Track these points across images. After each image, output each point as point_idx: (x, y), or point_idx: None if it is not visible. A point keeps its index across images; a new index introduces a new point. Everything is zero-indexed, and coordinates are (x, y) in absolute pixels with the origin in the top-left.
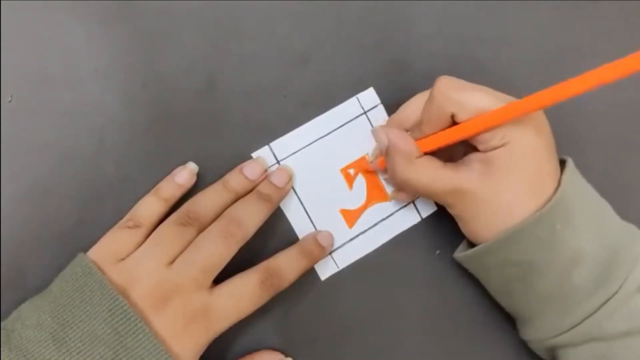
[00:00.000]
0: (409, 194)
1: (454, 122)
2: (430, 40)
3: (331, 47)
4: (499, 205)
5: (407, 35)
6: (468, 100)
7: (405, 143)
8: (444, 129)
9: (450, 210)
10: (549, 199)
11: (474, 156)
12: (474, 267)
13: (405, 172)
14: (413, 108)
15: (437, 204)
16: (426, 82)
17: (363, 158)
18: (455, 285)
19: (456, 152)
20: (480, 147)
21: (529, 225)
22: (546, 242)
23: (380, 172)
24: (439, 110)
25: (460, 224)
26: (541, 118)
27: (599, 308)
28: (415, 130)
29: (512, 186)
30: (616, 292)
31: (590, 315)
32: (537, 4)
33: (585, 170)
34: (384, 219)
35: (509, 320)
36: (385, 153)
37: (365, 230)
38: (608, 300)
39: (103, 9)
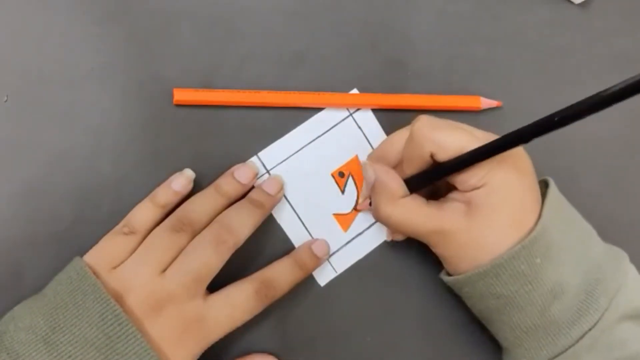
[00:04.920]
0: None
1: (434, 162)
2: (427, 40)
3: (327, 46)
4: (481, 244)
5: (403, 35)
6: (446, 139)
7: (391, 180)
8: (425, 169)
9: (433, 249)
10: (530, 232)
11: (455, 196)
12: (457, 292)
13: (387, 210)
14: (393, 144)
15: None
16: (422, 82)
17: (353, 160)
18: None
19: (441, 187)
20: (459, 187)
21: (508, 260)
22: (526, 276)
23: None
24: (418, 150)
25: (443, 262)
26: (520, 153)
27: (577, 341)
28: (398, 168)
29: (494, 225)
30: (596, 324)
31: (568, 349)
32: (534, 4)
33: (585, 171)
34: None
35: None
36: (372, 189)
37: (361, 233)
38: (587, 332)
39: (99, 8)
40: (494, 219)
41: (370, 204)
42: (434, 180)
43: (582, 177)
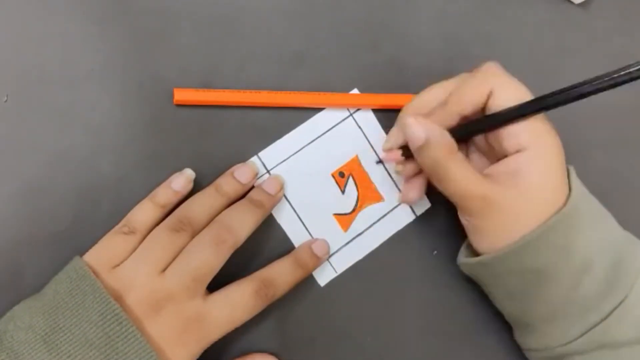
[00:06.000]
0: (436, 189)
1: (479, 112)
2: (427, 40)
3: (327, 46)
4: (517, 215)
5: (403, 35)
6: (509, 82)
7: (445, 136)
8: (468, 117)
9: (467, 218)
10: (561, 208)
11: (496, 168)
12: (481, 274)
13: (448, 166)
14: (429, 97)
15: (430, 202)
16: (423, 82)
17: (353, 160)
18: (453, 286)
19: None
20: (507, 144)
21: (545, 232)
22: (560, 249)
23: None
24: (479, 83)
25: (472, 234)
26: (553, 133)
27: (608, 315)
28: (438, 114)
29: (533, 197)
30: (625, 299)
31: (600, 322)
32: (534, 4)
33: (586, 171)
34: (378, 220)
35: (506, 321)
36: (420, 147)
37: (361, 233)
38: (617, 306)
39: (99, 8)
40: (534, 190)
41: (403, 154)
42: (480, 132)
43: (582, 176)
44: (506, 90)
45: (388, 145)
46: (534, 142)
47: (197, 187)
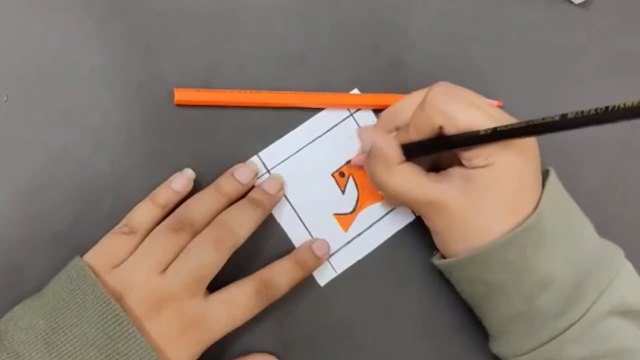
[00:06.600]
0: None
1: (441, 132)
2: (427, 40)
3: (327, 46)
4: (475, 223)
5: (403, 35)
6: (458, 115)
7: (388, 147)
8: (430, 138)
9: (426, 222)
10: (525, 219)
11: (456, 170)
12: (447, 276)
13: (383, 176)
14: (407, 105)
15: None
16: (423, 82)
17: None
18: (452, 286)
19: (442, 159)
20: (464, 162)
21: (497, 248)
22: (515, 265)
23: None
24: (427, 120)
25: (433, 237)
26: (529, 139)
27: (562, 332)
28: (402, 131)
29: (490, 206)
30: (582, 317)
31: (552, 339)
32: (534, 4)
33: (584, 171)
34: (378, 220)
35: None
36: (368, 155)
37: (361, 233)
38: (572, 325)
39: (99, 7)
40: (491, 198)
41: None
42: (435, 151)
43: (581, 176)
44: (453, 125)
45: (359, 151)
46: (495, 159)
47: (197, 187)
